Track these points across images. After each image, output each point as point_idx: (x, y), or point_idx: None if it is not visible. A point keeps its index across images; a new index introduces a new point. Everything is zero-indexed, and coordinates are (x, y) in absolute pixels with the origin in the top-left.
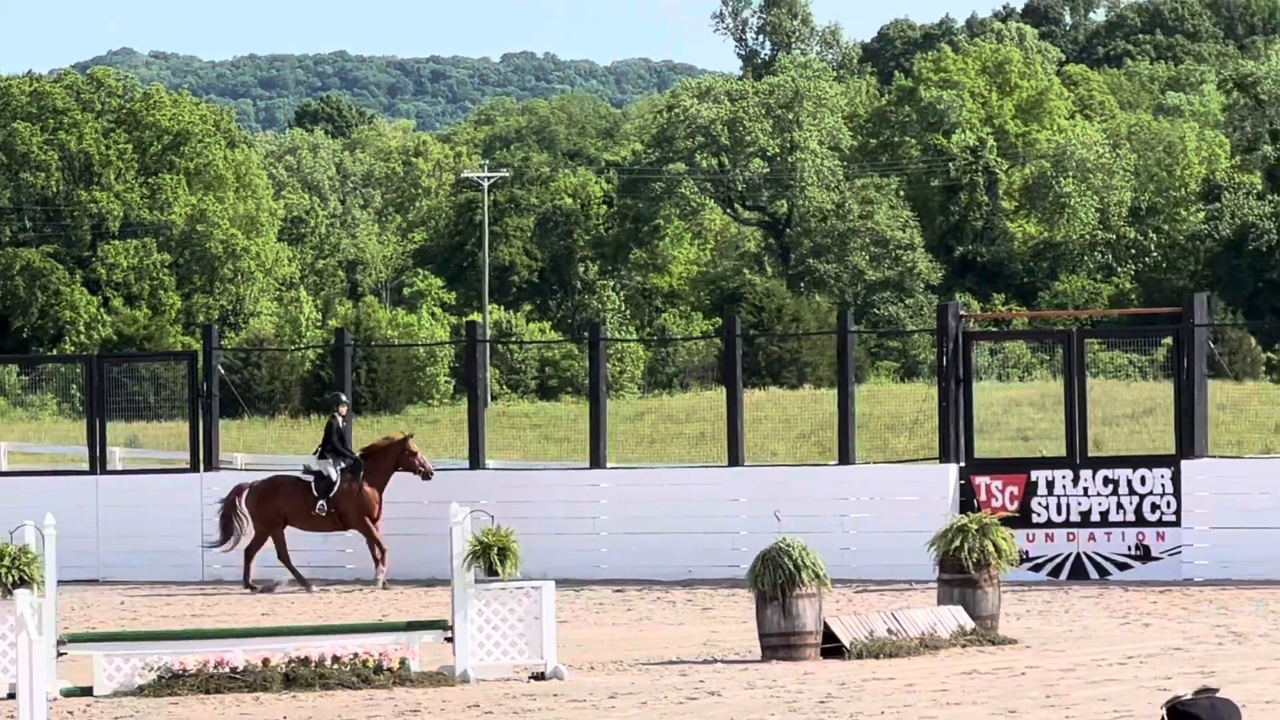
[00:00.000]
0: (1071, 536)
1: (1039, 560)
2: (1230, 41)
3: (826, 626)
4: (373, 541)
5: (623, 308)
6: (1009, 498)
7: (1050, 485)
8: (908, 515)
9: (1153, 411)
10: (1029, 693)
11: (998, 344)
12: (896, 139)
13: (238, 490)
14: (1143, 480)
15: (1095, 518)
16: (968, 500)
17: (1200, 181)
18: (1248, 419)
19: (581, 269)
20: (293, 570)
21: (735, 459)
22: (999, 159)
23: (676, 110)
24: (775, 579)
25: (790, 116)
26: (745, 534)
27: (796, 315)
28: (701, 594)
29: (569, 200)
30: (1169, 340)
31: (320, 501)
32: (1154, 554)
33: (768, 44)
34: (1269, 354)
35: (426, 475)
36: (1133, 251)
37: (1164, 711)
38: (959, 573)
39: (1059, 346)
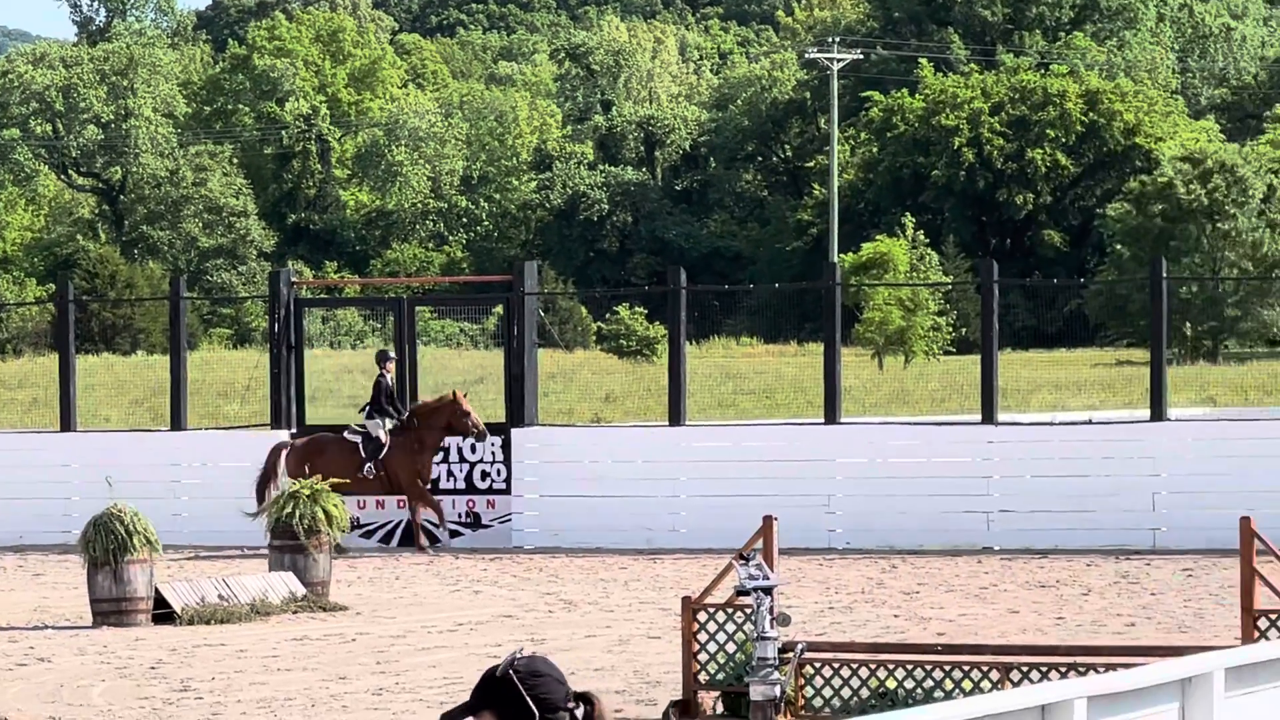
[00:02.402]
0: (402, 504)
1: (370, 527)
2: (563, 12)
3: (158, 592)
4: (421, 506)
5: None
6: None
7: None
8: (240, 482)
9: (484, 380)
10: (360, 659)
11: (330, 311)
12: (230, 107)
13: (277, 449)
14: (473, 448)
15: (427, 485)
16: None
17: (532, 151)
18: (578, 388)
19: None
20: None
21: (68, 424)
22: (332, 127)
23: (10, 76)
24: (107, 545)
25: (125, 83)
26: (78, 500)
27: (130, 282)
28: (33, 560)
29: None
30: (500, 309)
31: (368, 464)
32: (484, 521)
33: (103, 10)
34: (599, 323)
35: (480, 435)
36: (464, 220)
37: (507, 672)
38: (290, 539)
39: (391, 314)
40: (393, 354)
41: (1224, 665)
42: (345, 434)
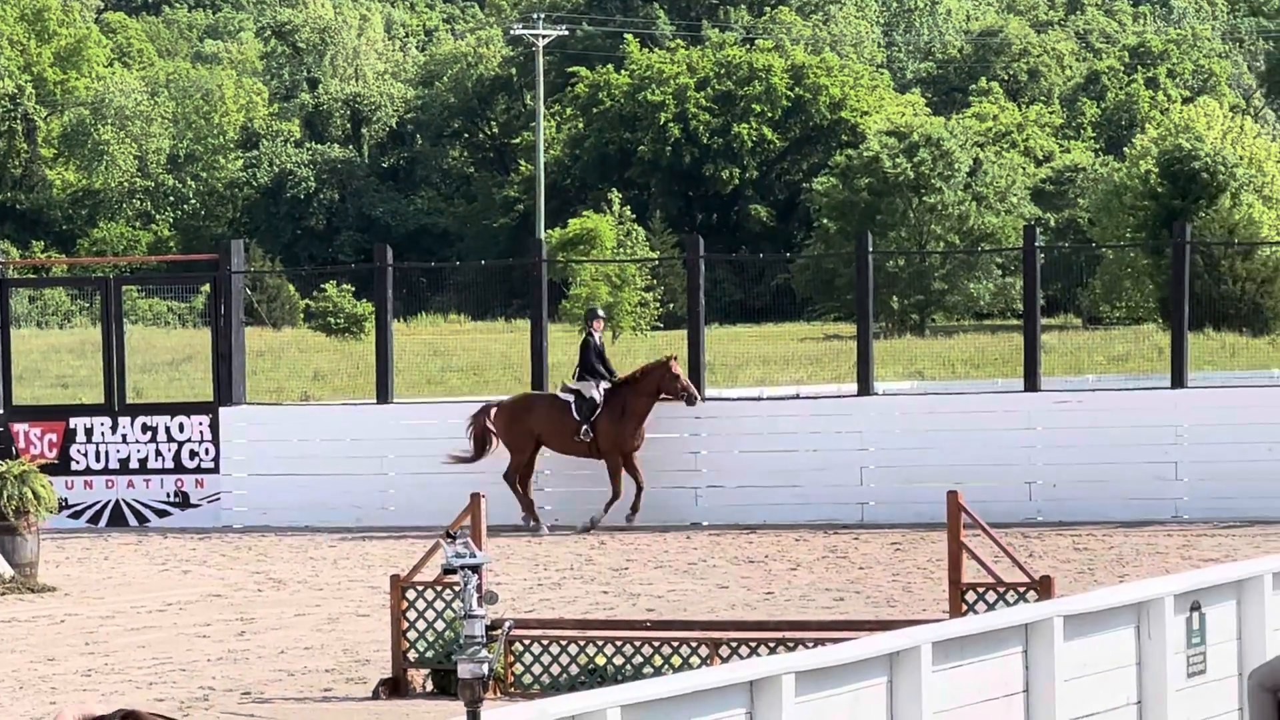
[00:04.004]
0: (111, 483)
1: (79, 507)
2: None
3: None
4: (615, 476)
5: None
6: (48, 445)
7: (89, 432)
8: None
9: (192, 359)
10: (68, 640)
11: (37, 291)
12: None
13: (486, 409)
14: (181, 427)
15: (134, 465)
16: (6, 448)
17: (238, 129)
18: (286, 366)
19: None
20: (525, 500)
21: None
22: (38, 106)
23: None
24: None
25: None
26: None
27: None
28: None
29: None
30: (207, 287)
31: (584, 426)
32: (193, 501)
33: None
34: (307, 301)
35: (691, 400)
36: (171, 199)
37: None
38: None
39: (98, 293)
40: (601, 312)
41: (931, 639)
42: (559, 393)
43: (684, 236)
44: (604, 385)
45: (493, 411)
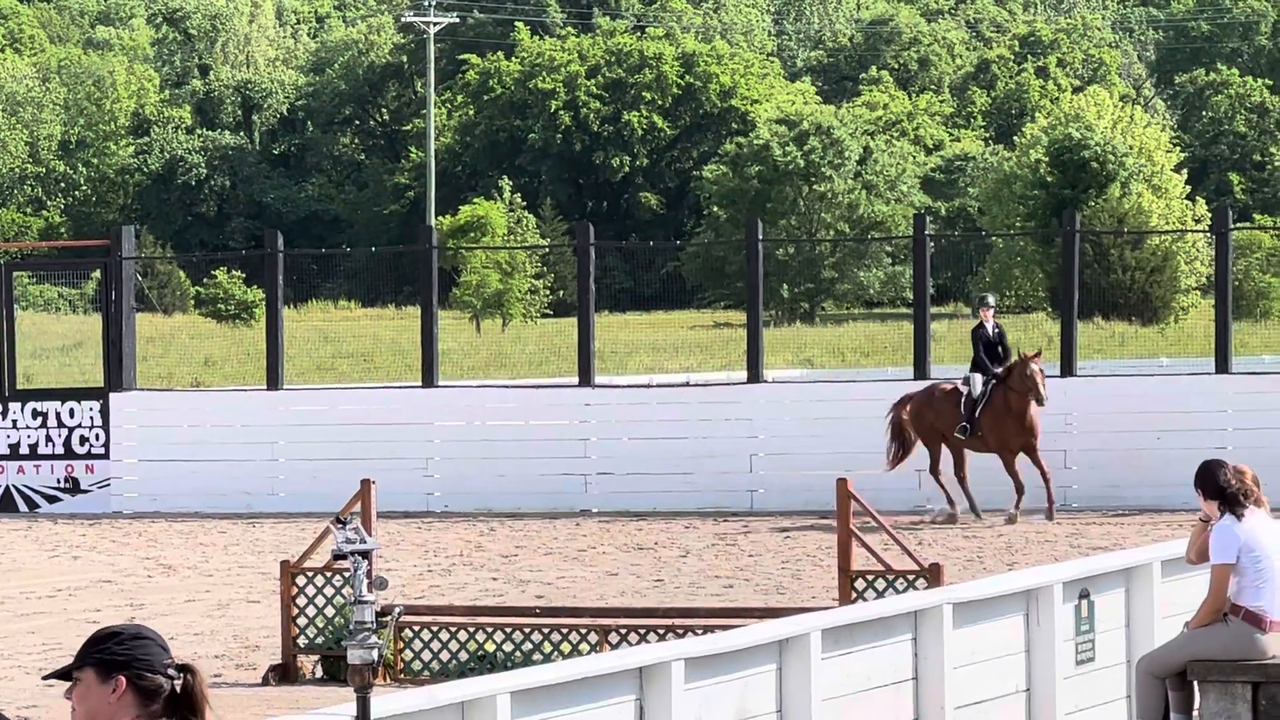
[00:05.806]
0: (0, 469)
1: None
2: None
3: None
4: (1011, 471)
5: None
6: None
7: None
8: None
9: (83, 344)
10: None
11: None
12: None
13: (901, 402)
14: (72, 413)
15: (25, 450)
16: None
17: (130, 115)
18: (177, 352)
19: None
20: (946, 492)
21: None
22: None
23: None
24: None
25: None
26: None
27: None
28: None
29: None
30: (98, 273)
31: (963, 422)
32: (84, 486)
33: None
34: (198, 287)
35: (1039, 400)
36: (63, 185)
37: (112, 632)
38: None
39: None
40: (991, 300)
41: (821, 626)
42: (959, 384)
43: (574, 224)
44: (990, 379)
45: (907, 405)
